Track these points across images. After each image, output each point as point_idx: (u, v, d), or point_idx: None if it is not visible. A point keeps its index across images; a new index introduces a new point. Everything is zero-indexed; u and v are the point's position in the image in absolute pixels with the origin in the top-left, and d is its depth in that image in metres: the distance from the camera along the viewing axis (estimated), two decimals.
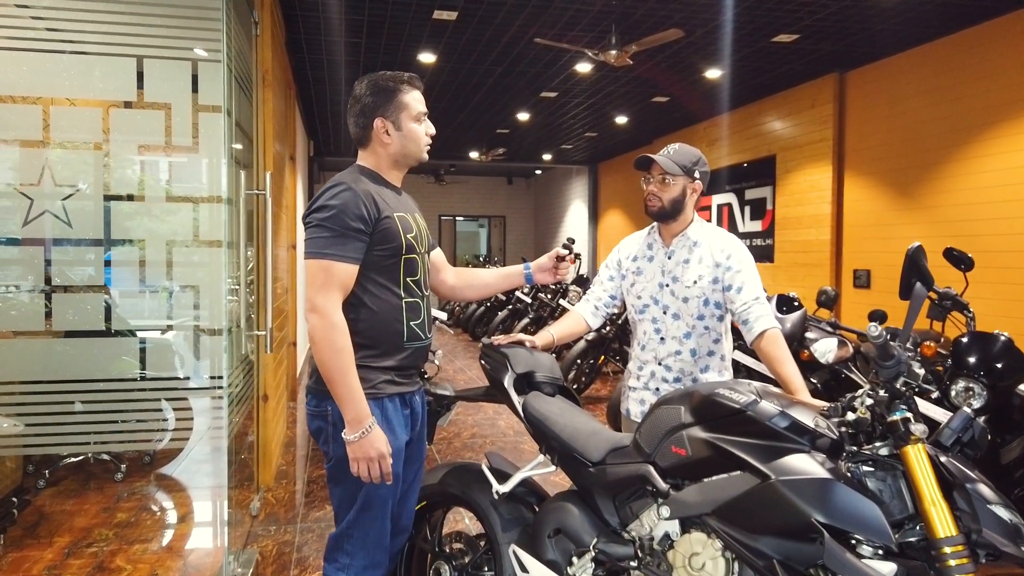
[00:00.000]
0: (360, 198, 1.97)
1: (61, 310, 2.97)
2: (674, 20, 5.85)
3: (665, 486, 1.95)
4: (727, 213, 10.06)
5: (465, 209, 18.85)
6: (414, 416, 2.19)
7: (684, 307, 2.55)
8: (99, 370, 2.97)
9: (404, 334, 2.08)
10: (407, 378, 2.14)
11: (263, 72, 4.42)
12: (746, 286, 2.48)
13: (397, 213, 2.09)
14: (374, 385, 2.03)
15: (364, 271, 2.02)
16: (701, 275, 2.53)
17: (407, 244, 2.07)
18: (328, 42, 6.70)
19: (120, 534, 3.80)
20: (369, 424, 1.94)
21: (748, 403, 1.85)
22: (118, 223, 2.96)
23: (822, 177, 7.81)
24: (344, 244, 1.95)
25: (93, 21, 2.94)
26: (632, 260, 2.71)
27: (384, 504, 2.08)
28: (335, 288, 1.94)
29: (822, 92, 7.76)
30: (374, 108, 2.09)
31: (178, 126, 2.98)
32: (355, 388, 1.93)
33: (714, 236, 2.60)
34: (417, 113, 2.12)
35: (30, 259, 2.94)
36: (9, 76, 2.93)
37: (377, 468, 1.95)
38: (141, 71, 2.94)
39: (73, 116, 2.96)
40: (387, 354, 2.06)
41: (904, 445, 1.66)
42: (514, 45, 6.68)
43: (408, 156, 2.16)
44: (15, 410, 3.04)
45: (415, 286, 2.12)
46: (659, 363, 2.60)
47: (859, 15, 5.75)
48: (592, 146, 12.65)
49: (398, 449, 2.06)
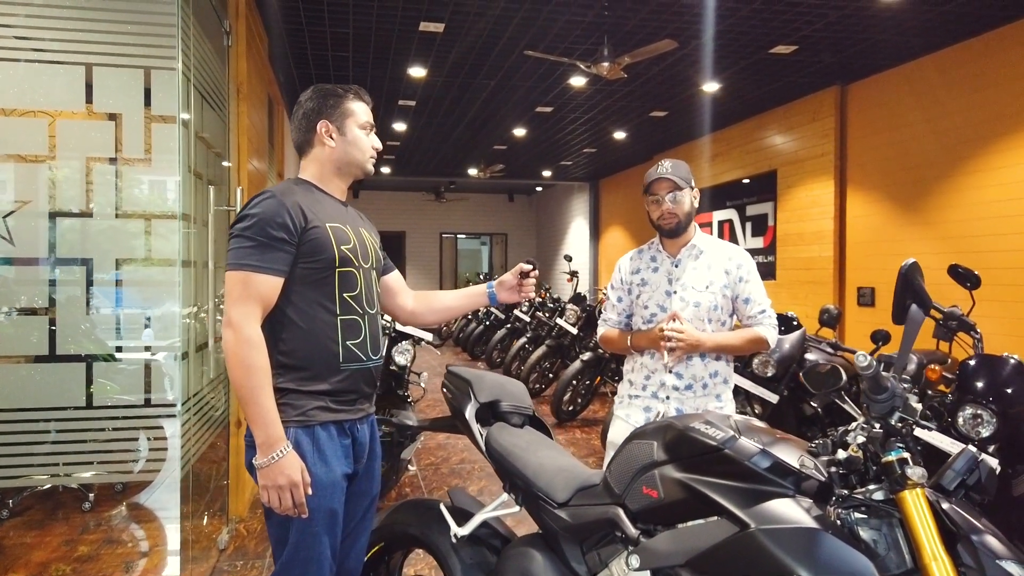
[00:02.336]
0: (284, 206, 1.84)
1: (21, 334, 2.80)
2: (667, 31, 5.69)
3: (635, 532, 1.74)
4: (728, 229, 9.87)
5: (466, 227, 18.69)
6: (358, 447, 1.99)
7: (694, 312, 2.57)
8: (61, 396, 2.78)
9: (340, 355, 1.92)
10: (346, 404, 1.94)
11: (237, 85, 4.25)
12: (754, 297, 2.59)
13: (330, 224, 1.94)
14: (304, 412, 1.86)
15: (293, 286, 1.88)
16: (712, 280, 2.59)
17: (341, 256, 1.92)
18: (316, 56, 6.56)
19: (78, 569, 3.59)
20: (281, 449, 1.77)
21: (725, 440, 1.64)
22: (64, 240, 2.78)
23: (824, 192, 7.61)
24: (264, 254, 1.81)
25: (41, 28, 2.78)
26: (635, 274, 2.72)
27: (316, 543, 1.86)
28: (252, 301, 1.80)
29: (823, 105, 7.58)
30: (318, 112, 2.01)
31: (129, 138, 2.81)
32: (267, 409, 1.77)
33: (718, 245, 2.67)
34: (364, 122, 2.04)
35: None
36: None
37: (289, 498, 1.77)
38: (90, 81, 2.78)
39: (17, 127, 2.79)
40: (319, 377, 1.89)
41: (900, 490, 1.45)
42: (505, 58, 6.53)
43: (351, 164, 2.05)
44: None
45: (353, 303, 1.95)
46: (669, 371, 2.58)
47: (858, 25, 5.58)
48: (592, 162, 12.48)
49: (330, 482, 1.87)
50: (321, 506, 1.85)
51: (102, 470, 3.00)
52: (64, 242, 2.79)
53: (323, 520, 1.86)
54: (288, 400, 1.86)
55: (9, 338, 2.84)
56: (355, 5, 5.26)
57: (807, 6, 5.20)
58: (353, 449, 1.97)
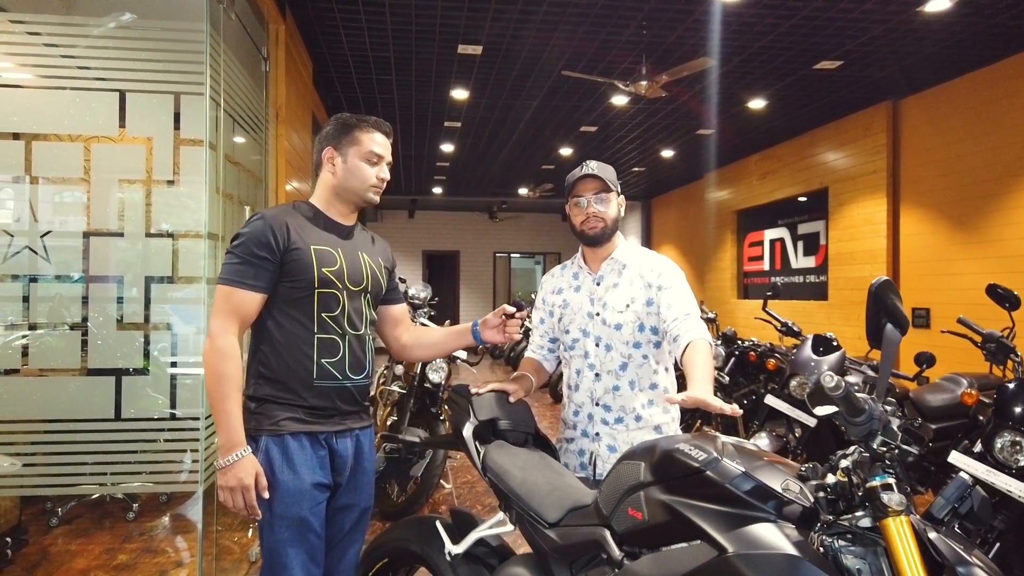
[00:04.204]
0: (270, 227, 1.94)
1: (68, 347, 2.93)
2: (705, 49, 5.64)
3: (619, 554, 1.71)
4: (780, 249, 9.67)
5: (519, 246, 18.73)
6: (339, 459, 2.03)
7: (617, 335, 2.27)
8: (106, 409, 2.90)
9: (313, 372, 1.98)
10: (322, 418, 2.00)
11: (276, 109, 4.39)
12: (676, 302, 2.20)
13: (316, 246, 2.00)
14: (276, 422, 1.95)
15: (276, 303, 1.98)
16: (634, 298, 2.27)
17: (321, 278, 1.98)
18: (361, 80, 6.73)
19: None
20: (238, 453, 1.86)
21: (707, 461, 1.60)
22: (97, 258, 2.91)
23: (877, 210, 7.39)
24: (245, 271, 1.92)
25: (80, 57, 2.93)
26: (557, 293, 2.46)
27: (284, 550, 1.91)
28: (230, 314, 1.91)
29: (875, 121, 7.38)
30: (328, 138, 2.11)
31: (159, 160, 2.93)
32: (231, 415, 1.87)
33: (643, 256, 2.35)
34: (368, 152, 2.08)
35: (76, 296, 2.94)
36: None
37: (240, 499, 1.86)
38: (124, 106, 2.91)
39: (56, 151, 2.94)
40: (293, 390, 1.97)
41: (884, 517, 1.39)
42: (544, 78, 6.57)
43: (349, 191, 2.10)
44: (20, 449, 3.01)
45: (332, 323, 2.01)
46: (596, 403, 2.30)
47: (905, 39, 5.43)
48: (641, 181, 12.41)
49: (297, 490, 1.92)
50: (287, 513, 1.90)
51: (147, 480, 3.10)
52: (96, 260, 2.92)
53: (291, 527, 1.91)
54: (263, 410, 1.95)
55: (54, 351, 2.97)
56: (394, 30, 5.38)
57: (848, 20, 5.09)
58: (333, 461, 2.01)
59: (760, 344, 5.85)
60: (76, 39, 2.90)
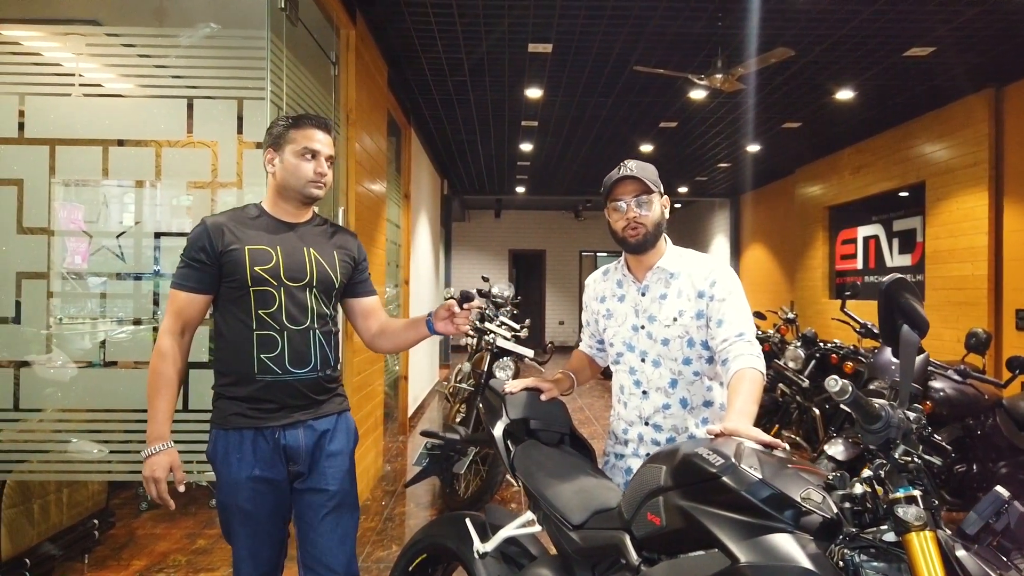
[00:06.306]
0: (207, 232, 2.08)
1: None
2: (784, 38, 5.43)
3: (636, 560, 1.67)
4: (874, 246, 9.21)
5: (605, 244, 18.56)
6: (290, 452, 2.13)
7: (665, 351, 2.12)
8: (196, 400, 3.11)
9: (255, 367, 2.10)
10: (267, 412, 2.10)
11: (346, 112, 4.51)
12: (728, 319, 2.02)
13: (251, 246, 2.10)
14: (224, 415, 2.11)
15: (221, 302, 2.14)
16: (682, 310, 2.10)
17: (254, 276, 2.08)
18: (436, 82, 6.82)
19: (192, 561, 3.91)
20: (157, 447, 2.03)
21: (724, 467, 1.54)
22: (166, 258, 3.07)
23: (977, 205, 6.93)
24: (187, 274, 2.09)
25: (150, 67, 3.10)
26: (600, 302, 2.31)
27: (235, 538, 2.12)
28: (173, 315, 2.09)
29: (975, 110, 6.92)
30: (267, 142, 2.21)
31: (224, 163, 3.06)
32: (158, 410, 2.05)
33: (694, 262, 2.16)
34: (302, 148, 2.14)
35: None
36: (89, 120, 3.14)
37: (152, 489, 2.03)
38: (191, 112, 3.06)
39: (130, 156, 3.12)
40: (238, 384, 2.11)
41: (906, 531, 1.31)
42: (617, 75, 6.48)
43: (290, 189, 2.17)
44: (108, 436, 3.23)
45: (269, 319, 2.10)
46: (645, 422, 2.17)
47: (1002, 23, 5.06)
48: (728, 177, 12.07)
49: (232, 482, 2.09)
50: (228, 503, 2.09)
51: None
52: (167, 259, 3.08)
53: (236, 517, 2.10)
54: (218, 404, 2.14)
55: (147, 345, 3.16)
56: (464, 31, 5.43)
57: (936, 4, 4.79)
58: (285, 452, 2.12)
59: (842, 346, 5.60)
60: (165, 49, 3.08)
